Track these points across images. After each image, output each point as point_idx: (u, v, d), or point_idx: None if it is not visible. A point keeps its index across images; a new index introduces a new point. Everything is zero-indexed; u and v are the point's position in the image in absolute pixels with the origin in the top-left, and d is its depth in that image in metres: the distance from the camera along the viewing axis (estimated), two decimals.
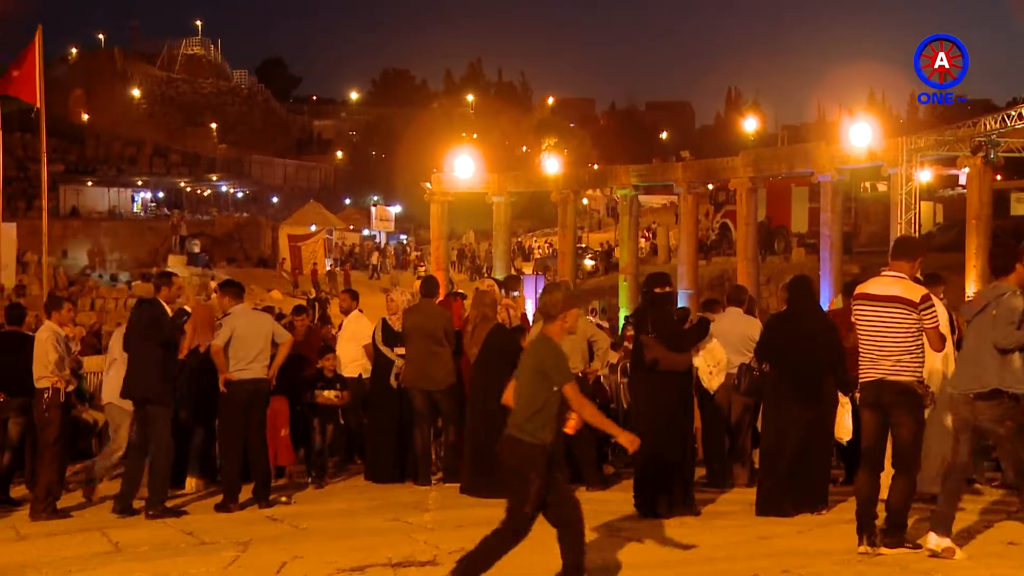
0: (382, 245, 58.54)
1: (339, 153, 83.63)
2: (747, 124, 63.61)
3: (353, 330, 12.20)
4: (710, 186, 39.33)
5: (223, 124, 79.61)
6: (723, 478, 10.53)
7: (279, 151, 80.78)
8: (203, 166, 70.02)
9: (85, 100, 74.14)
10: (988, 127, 24.49)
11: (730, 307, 11.06)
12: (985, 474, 10.20)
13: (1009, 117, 24.06)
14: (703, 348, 9.64)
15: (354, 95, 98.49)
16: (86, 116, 72.46)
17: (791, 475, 8.72)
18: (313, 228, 52.32)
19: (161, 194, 65.67)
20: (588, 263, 46.75)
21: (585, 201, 57.80)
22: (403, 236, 64.07)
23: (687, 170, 33.11)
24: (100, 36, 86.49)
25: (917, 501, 7.57)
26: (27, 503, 10.22)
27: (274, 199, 69.55)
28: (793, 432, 8.74)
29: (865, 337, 7.36)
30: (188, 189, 66.89)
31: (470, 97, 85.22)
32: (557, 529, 6.23)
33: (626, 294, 33.19)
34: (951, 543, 7.05)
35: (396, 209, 65.02)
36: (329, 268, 49.03)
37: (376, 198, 68.32)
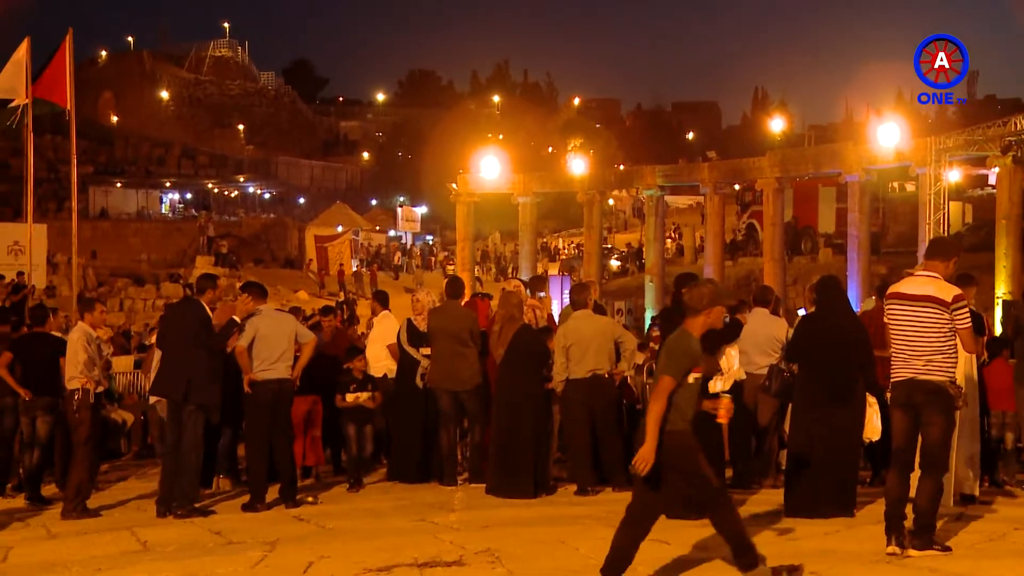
0: (408, 246, 58.63)
1: (365, 154, 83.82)
2: (774, 124, 63.25)
3: (381, 330, 12.22)
4: (736, 186, 39.24)
5: (250, 126, 80.00)
6: (749, 479, 10.48)
7: (306, 152, 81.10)
8: (230, 167, 70.44)
9: (114, 102, 74.77)
10: (1018, 126, 24.31)
11: (756, 308, 11.02)
12: (1016, 476, 10.12)
13: None
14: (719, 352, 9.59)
15: (380, 96, 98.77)
16: (115, 118, 73.06)
17: (820, 476, 8.66)
18: (339, 229, 52.43)
19: (189, 195, 66.10)
20: (614, 263, 46.72)
21: (611, 202, 57.72)
22: (429, 237, 64.16)
23: (713, 170, 33.04)
24: (129, 39, 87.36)
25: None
26: (58, 502, 10.28)
27: (301, 200, 69.79)
28: (822, 433, 8.68)
29: (897, 337, 7.32)
30: (215, 190, 67.27)
31: (496, 98, 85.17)
32: (638, 511, 6.36)
33: (652, 295, 33.14)
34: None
35: (422, 210, 65.12)
36: (355, 269, 49.16)
37: (402, 199, 68.43)
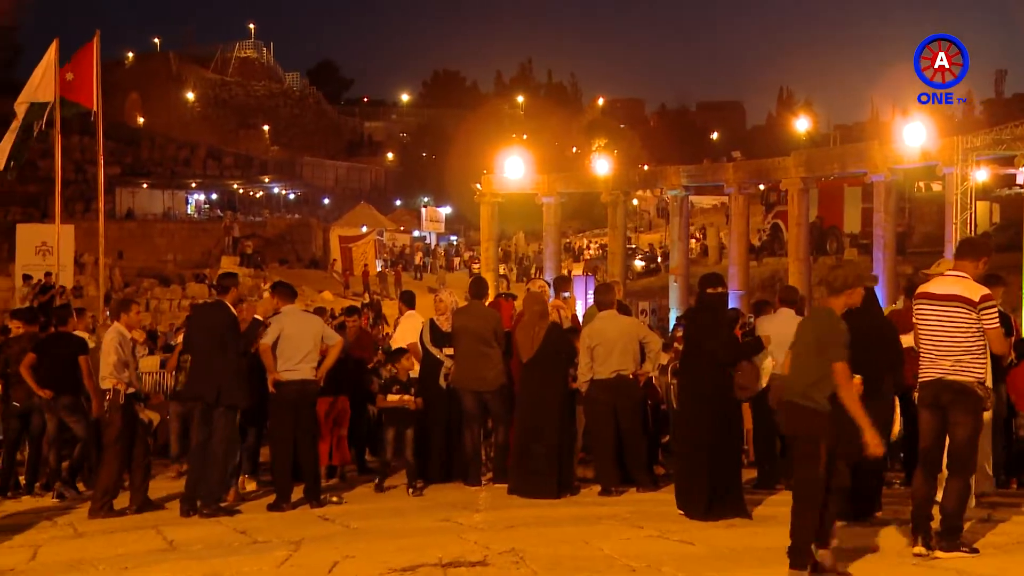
0: (432, 246, 58.72)
1: (390, 155, 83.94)
2: (799, 124, 62.88)
3: (405, 329, 12.23)
4: (761, 186, 39.07)
5: (275, 126, 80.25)
6: (773, 480, 10.44)
7: (330, 153, 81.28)
8: (255, 168, 70.69)
9: (141, 103, 75.14)
10: None
11: (782, 308, 10.98)
12: None
13: None
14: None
15: (405, 97, 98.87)
16: (141, 119, 73.45)
17: (846, 476, 8.60)
18: (364, 229, 52.57)
19: (214, 196, 66.38)
20: (638, 264, 46.64)
21: (635, 202, 57.58)
22: (453, 237, 64.22)
23: (738, 170, 32.91)
24: (155, 40, 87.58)
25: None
26: (88, 500, 10.35)
27: (325, 201, 69.97)
28: (849, 433, 8.61)
29: (925, 337, 7.28)
30: (241, 191, 67.54)
31: (520, 98, 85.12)
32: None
33: (676, 295, 33.06)
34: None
35: (446, 210, 65.20)
36: (380, 269, 49.29)
37: (426, 199, 68.52)
